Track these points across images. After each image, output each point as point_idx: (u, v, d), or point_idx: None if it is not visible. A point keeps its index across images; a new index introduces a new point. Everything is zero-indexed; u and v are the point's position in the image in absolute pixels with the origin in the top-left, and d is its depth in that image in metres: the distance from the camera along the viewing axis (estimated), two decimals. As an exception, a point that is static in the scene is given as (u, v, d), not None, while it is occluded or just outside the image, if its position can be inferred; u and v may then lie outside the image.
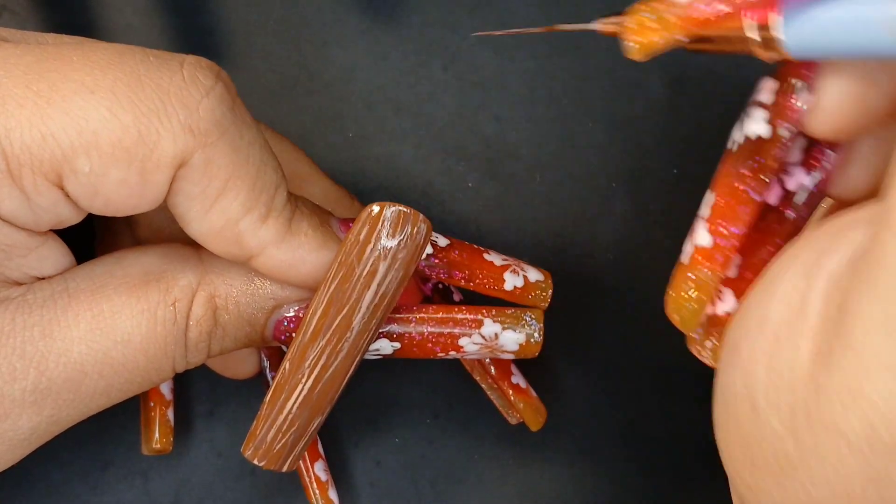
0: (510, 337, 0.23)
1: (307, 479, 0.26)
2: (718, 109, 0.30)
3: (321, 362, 0.21)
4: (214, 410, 0.28)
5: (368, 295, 0.21)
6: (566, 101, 0.30)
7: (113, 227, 0.25)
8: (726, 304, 0.19)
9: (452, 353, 0.23)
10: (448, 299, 0.26)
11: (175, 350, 0.22)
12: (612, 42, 0.31)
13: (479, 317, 0.23)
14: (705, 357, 0.20)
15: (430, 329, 0.23)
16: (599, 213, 0.29)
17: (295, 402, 0.22)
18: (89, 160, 0.19)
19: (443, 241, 0.24)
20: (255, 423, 0.22)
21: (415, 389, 0.28)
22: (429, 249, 0.23)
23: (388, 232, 0.21)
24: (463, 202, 0.29)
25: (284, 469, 0.22)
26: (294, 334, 0.22)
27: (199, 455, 0.27)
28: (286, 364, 0.22)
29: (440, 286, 0.26)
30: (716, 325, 0.20)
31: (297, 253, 0.22)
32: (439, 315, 0.23)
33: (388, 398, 0.28)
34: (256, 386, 0.28)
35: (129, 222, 0.25)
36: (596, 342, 0.29)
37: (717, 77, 0.30)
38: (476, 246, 0.24)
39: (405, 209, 0.21)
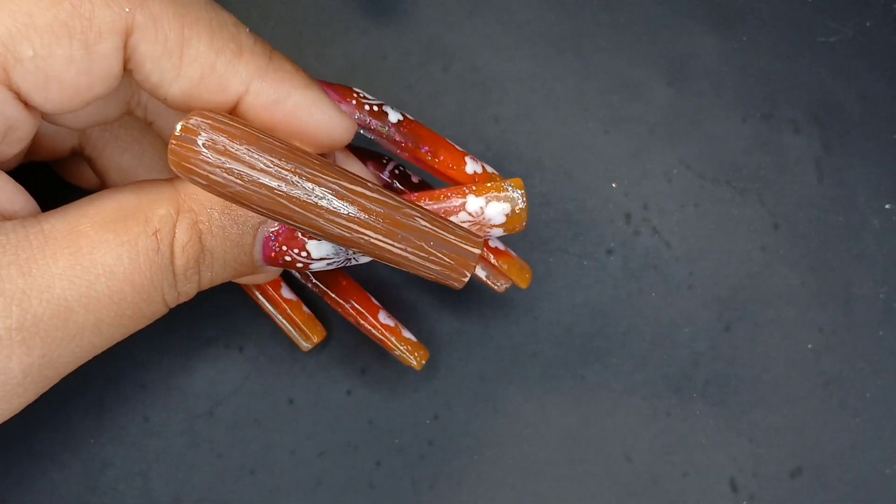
0: (496, 208, 0.23)
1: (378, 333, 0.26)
2: (719, 109, 0.30)
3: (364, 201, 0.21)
4: (214, 410, 0.28)
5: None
6: (566, 101, 0.30)
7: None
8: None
9: None
10: (408, 182, 0.26)
11: (163, 279, 0.21)
12: (612, 42, 0.31)
13: (462, 195, 0.23)
14: None
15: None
16: (599, 213, 0.29)
17: (418, 220, 0.21)
18: (31, 44, 0.19)
19: (400, 116, 0.25)
20: (433, 272, 0.22)
21: (415, 390, 0.28)
22: (398, 116, 0.25)
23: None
24: (463, 202, 0.29)
25: (479, 244, 0.22)
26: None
27: (199, 455, 0.27)
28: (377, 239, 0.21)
29: (397, 171, 0.26)
30: None
31: (283, 87, 0.22)
32: (424, 200, 0.23)
33: (389, 398, 0.28)
34: (256, 387, 0.28)
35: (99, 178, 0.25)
36: (596, 344, 0.29)
37: (718, 76, 0.30)
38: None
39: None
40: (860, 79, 0.31)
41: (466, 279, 0.22)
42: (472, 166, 0.25)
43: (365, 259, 0.24)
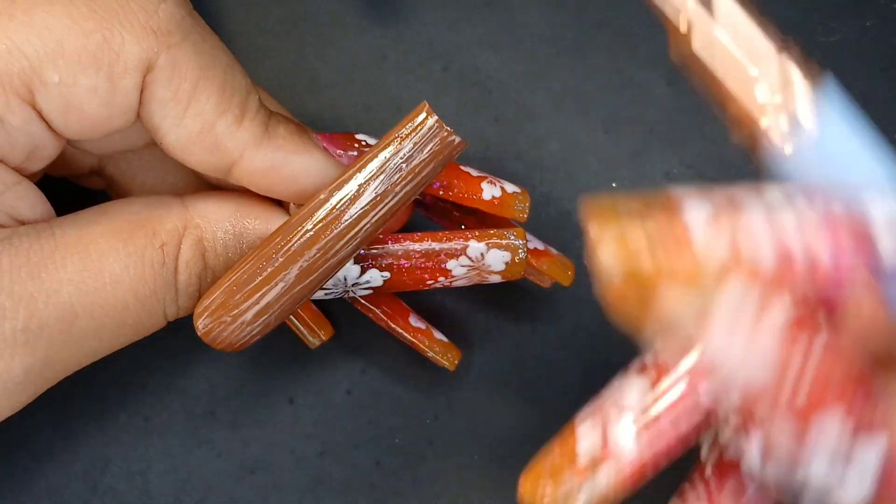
0: (496, 256, 0.23)
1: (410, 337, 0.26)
2: (719, 109, 0.30)
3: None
4: (214, 410, 0.28)
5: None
6: (566, 100, 0.30)
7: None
8: None
9: (442, 280, 0.23)
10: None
11: (165, 293, 0.22)
12: (612, 42, 0.31)
13: (464, 239, 0.23)
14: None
15: (417, 255, 0.23)
16: (599, 213, 0.29)
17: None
18: (57, 70, 0.19)
19: None
20: (442, 155, 0.22)
21: (415, 389, 0.28)
22: None
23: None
24: (463, 202, 0.29)
25: (423, 106, 0.22)
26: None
27: (199, 455, 0.27)
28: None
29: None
30: None
31: (278, 155, 0.22)
32: (426, 241, 0.23)
33: (388, 398, 0.28)
34: (256, 387, 0.28)
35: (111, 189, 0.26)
36: (599, 344, 0.29)
37: (717, 77, 0.30)
38: None
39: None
40: (860, 79, 0.31)
41: (451, 133, 0.22)
42: (489, 191, 0.24)
43: (365, 292, 0.24)
